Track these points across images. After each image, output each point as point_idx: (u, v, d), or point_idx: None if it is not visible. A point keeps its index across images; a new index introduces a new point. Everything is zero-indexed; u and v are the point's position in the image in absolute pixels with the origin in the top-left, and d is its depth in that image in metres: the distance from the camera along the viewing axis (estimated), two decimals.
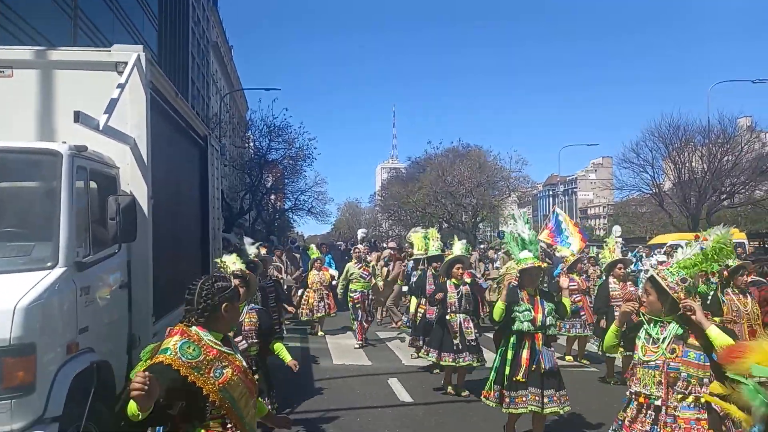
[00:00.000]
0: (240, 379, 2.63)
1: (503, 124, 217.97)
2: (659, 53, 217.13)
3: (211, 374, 2.53)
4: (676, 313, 3.35)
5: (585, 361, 9.32)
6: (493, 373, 5.58)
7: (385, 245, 19.75)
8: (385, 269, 13.47)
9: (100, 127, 4.48)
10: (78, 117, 4.20)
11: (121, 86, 4.92)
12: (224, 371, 2.57)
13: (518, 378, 5.22)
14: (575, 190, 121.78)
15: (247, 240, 8.20)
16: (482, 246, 23.96)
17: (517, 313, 5.31)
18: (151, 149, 5.44)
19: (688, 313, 3.27)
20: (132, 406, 2.30)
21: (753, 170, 30.96)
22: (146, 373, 2.26)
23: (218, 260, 5.78)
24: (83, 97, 5.09)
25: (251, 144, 36.46)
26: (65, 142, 4.40)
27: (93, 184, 4.73)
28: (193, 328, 2.65)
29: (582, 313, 9.14)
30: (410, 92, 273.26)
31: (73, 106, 4.51)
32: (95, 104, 4.72)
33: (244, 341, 4.98)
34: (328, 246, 18.97)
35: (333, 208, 71.37)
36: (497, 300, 5.62)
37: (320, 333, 11.88)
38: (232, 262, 5.49)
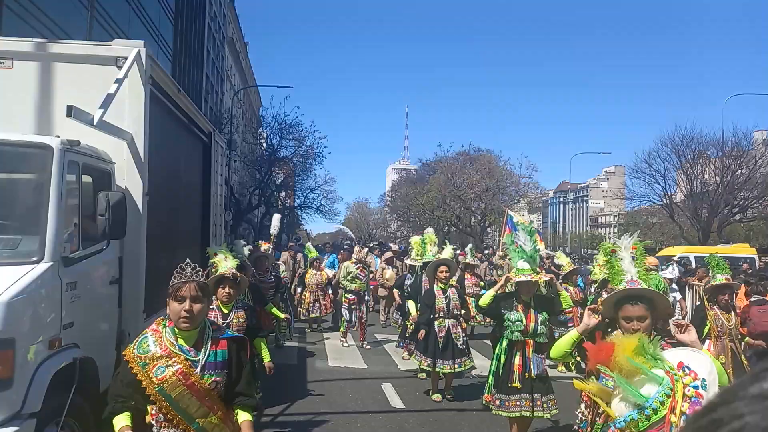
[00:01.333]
0: (180, 381, 2.66)
1: (515, 129, 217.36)
2: (674, 62, 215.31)
3: (153, 371, 2.64)
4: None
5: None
6: (491, 376, 5.75)
7: (391, 246, 19.74)
8: (387, 272, 13.44)
9: (95, 122, 4.47)
10: (71, 111, 4.20)
11: (119, 81, 4.92)
12: (166, 370, 2.65)
13: (514, 384, 5.37)
14: (586, 198, 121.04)
15: (241, 242, 8.23)
16: (487, 251, 23.81)
17: (509, 323, 5.40)
18: (149, 145, 5.43)
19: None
20: (117, 420, 2.62)
21: (767, 185, 30.57)
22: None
23: (213, 259, 5.80)
24: (83, 91, 5.09)
25: (263, 140, 36.62)
26: (58, 136, 4.38)
27: (87, 179, 4.73)
28: (165, 323, 2.77)
29: (570, 324, 9.02)
30: (424, 94, 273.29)
31: (72, 99, 4.51)
32: (94, 98, 4.72)
33: None
34: (333, 246, 18.95)
35: (342, 207, 71.62)
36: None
37: (312, 330, 11.90)
38: (224, 259, 5.54)
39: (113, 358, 4.89)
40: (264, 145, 36.42)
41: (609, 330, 3.32)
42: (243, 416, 2.78)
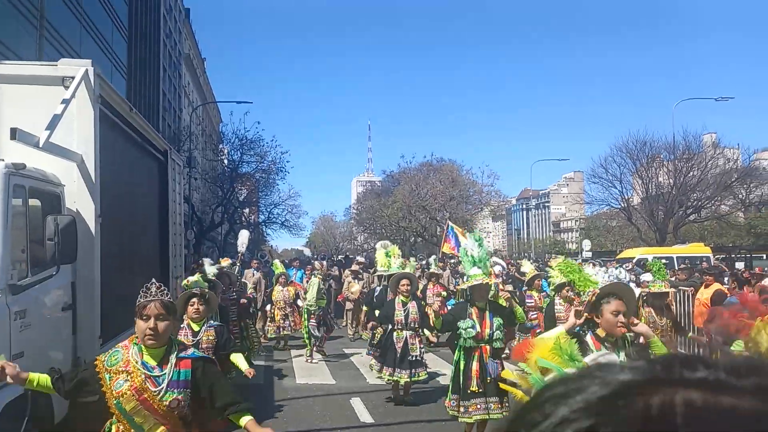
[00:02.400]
0: (134, 395, 2.75)
1: (476, 138, 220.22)
2: (625, 68, 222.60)
3: (115, 383, 2.77)
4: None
5: None
6: (450, 382, 5.87)
7: (358, 259, 19.69)
8: (353, 285, 13.39)
9: (40, 144, 4.34)
10: (15, 134, 4.06)
11: (66, 102, 4.80)
12: (124, 384, 2.76)
13: (473, 389, 5.50)
14: (548, 204, 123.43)
15: (207, 260, 8.13)
16: (453, 261, 23.98)
17: (462, 329, 5.52)
18: (100, 166, 5.31)
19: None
20: None
21: (717, 185, 31.74)
22: None
23: (185, 282, 5.88)
24: (29, 112, 4.95)
25: (224, 157, 36.21)
26: (2, 160, 4.24)
27: (35, 203, 4.58)
28: (135, 340, 2.88)
29: (538, 330, 9.14)
30: (385, 106, 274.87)
31: (18, 121, 4.37)
32: (42, 120, 4.59)
33: None
34: (301, 262, 18.75)
35: (307, 222, 71.15)
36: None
37: (281, 348, 11.78)
38: (195, 281, 5.58)
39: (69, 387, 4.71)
40: (225, 161, 36.01)
41: (587, 329, 3.49)
42: (244, 419, 2.88)
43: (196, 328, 5.19)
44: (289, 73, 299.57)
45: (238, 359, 5.29)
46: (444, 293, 11.33)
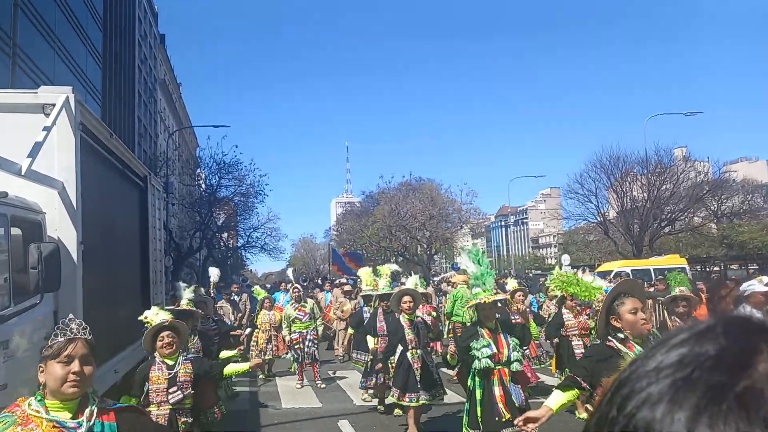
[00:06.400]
0: None
1: (454, 157, 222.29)
2: (596, 84, 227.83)
3: None
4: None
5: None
6: (465, 416, 5.28)
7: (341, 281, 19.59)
8: (345, 305, 13.30)
9: (23, 172, 4.30)
10: None
11: (47, 129, 4.76)
12: None
13: (505, 417, 4.88)
14: (526, 220, 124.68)
15: (181, 285, 7.74)
16: (436, 279, 24.04)
17: (475, 351, 5.04)
18: (82, 193, 5.26)
19: None
20: None
21: (690, 198, 32.49)
22: None
23: (141, 317, 5.37)
24: (10, 140, 4.88)
25: (201, 182, 35.95)
26: None
27: (16, 231, 4.51)
28: (29, 399, 2.36)
29: (525, 348, 9.19)
30: (363, 127, 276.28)
31: None
32: (22, 148, 4.55)
33: (179, 392, 4.69)
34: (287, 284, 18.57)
35: (287, 245, 70.74)
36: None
37: (265, 375, 11.59)
38: (155, 315, 5.04)
39: None
40: (203, 186, 35.75)
41: (611, 337, 3.22)
42: None
43: (170, 362, 4.73)
44: (266, 96, 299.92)
45: (232, 368, 4.94)
46: (434, 313, 11.30)
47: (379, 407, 8.33)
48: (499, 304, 5.58)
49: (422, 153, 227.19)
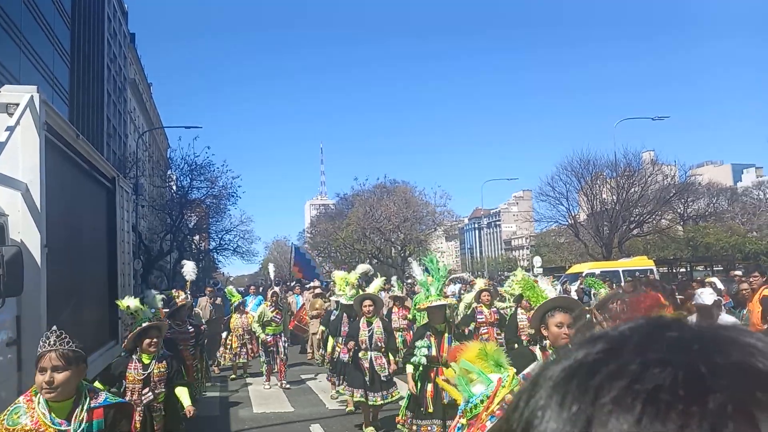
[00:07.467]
0: None
1: (428, 159, 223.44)
2: (567, 88, 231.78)
3: None
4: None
5: None
6: (405, 400, 6.05)
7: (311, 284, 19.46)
8: (317, 301, 13.27)
9: None
10: None
11: (11, 129, 4.63)
12: None
13: (428, 410, 5.62)
14: (499, 222, 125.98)
15: (152, 292, 7.73)
16: (409, 281, 24.09)
17: (416, 348, 5.70)
18: (46, 194, 5.12)
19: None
20: None
21: (658, 200, 33.28)
22: None
23: (132, 310, 5.81)
24: None
25: (172, 183, 35.43)
26: None
27: None
28: (39, 393, 2.71)
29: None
30: (337, 129, 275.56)
31: None
32: None
33: (150, 393, 5.00)
34: (258, 287, 18.41)
35: (260, 247, 70.09)
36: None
37: (237, 377, 11.48)
38: (136, 307, 5.53)
39: None
40: (174, 187, 35.22)
41: (535, 342, 3.72)
42: None
43: (146, 360, 5.06)
44: (239, 97, 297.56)
45: (182, 394, 5.25)
46: (410, 316, 11.35)
47: (349, 408, 8.34)
48: (448, 311, 6.05)
49: (397, 155, 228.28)
